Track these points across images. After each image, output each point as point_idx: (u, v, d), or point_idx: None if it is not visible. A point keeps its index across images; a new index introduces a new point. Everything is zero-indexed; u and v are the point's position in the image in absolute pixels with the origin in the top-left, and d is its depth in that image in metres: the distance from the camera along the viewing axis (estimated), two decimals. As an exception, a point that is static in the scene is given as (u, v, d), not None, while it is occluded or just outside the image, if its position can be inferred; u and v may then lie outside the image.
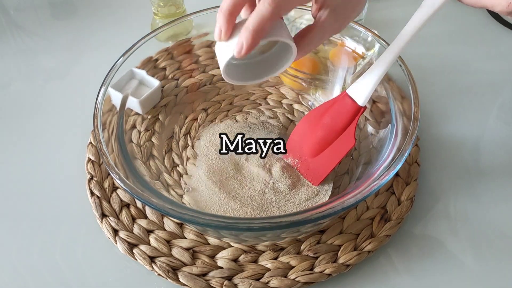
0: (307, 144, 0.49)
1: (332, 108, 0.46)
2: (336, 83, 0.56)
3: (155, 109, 0.54)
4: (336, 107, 0.46)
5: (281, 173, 0.50)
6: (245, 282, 0.44)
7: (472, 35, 0.72)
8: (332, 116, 0.46)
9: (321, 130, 0.47)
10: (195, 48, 0.60)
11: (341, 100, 0.45)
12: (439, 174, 0.53)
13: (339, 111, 0.45)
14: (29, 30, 0.75)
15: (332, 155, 0.47)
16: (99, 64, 0.55)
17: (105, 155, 0.40)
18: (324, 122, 0.47)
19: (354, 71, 0.54)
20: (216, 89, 0.59)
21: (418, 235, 0.48)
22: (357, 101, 0.44)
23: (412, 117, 0.41)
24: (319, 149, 0.48)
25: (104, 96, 0.45)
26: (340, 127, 0.46)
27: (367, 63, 0.52)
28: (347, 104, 0.44)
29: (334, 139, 0.46)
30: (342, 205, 0.37)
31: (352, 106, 0.44)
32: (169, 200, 0.39)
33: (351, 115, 0.44)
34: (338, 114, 0.45)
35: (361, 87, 0.43)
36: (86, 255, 0.47)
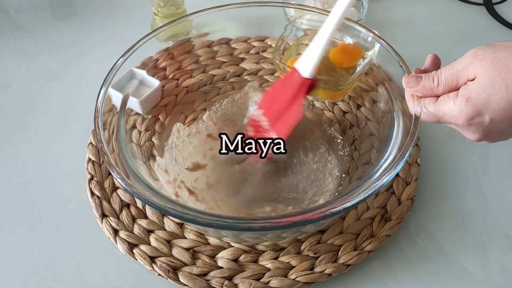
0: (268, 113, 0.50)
1: (284, 81, 0.48)
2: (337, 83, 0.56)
3: (155, 109, 0.54)
4: (287, 80, 0.48)
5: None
6: (245, 282, 0.44)
7: (472, 35, 0.72)
8: (284, 89, 0.48)
9: (275, 103, 0.49)
10: (195, 48, 0.60)
11: (290, 74, 0.47)
12: (439, 174, 0.53)
13: (289, 84, 0.47)
14: (29, 30, 0.75)
15: (283, 126, 0.48)
16: (99, 64, 0.55)
17: (106, 155, 0.40)
18: (278, 95, 0.49)
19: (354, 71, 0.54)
20: (216, 89, 0.59)
21: (418, 235, 0.48)
22: (302, 73, 0.45)
23: (413, 117, 0.41)
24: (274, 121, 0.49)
25: (104, 96, 0.45)
26: (290, 99, 0.47)
27: (367, 63, 0.52)
28: (295, 77, 0.46)
29: (285, 110, 0.48)
30: (343, 205, 0.36)
31: (299, 79, 0.46)
32: (170, 199, 0.39)
33: (298, 87, 0.46)
34: (288, 87, 0.47)
35: (306, 60, 0.45)
36: (86, 255, 0.47)
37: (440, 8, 0.77)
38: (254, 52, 0.64)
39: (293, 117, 0.47)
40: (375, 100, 0.51)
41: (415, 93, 0.41)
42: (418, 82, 0.40)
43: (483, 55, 0.36)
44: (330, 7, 0.68)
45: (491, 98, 0.36)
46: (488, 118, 0.37)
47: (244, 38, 0.65)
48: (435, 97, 0.40)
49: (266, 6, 0.55)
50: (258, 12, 0.55)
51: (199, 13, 0.53)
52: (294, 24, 0.58)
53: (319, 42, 0.44)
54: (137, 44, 0.49)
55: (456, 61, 0.38)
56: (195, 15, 0.54)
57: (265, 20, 0.58)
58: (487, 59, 0.36)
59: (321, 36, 0.44)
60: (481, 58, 0.36)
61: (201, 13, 0.53)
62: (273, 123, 0.49)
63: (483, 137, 0.39)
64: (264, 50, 0.64)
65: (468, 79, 0.37)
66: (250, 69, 0.62)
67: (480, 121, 0.37)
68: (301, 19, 0.58)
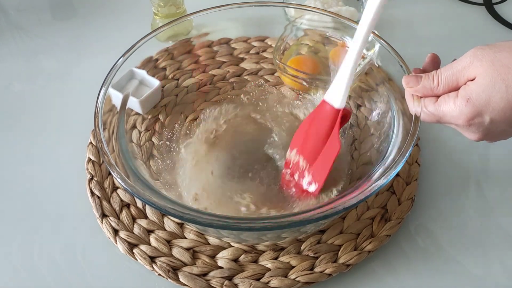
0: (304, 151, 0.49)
1: (315, 116, 0.47)
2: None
3: (156, 109, 0.54)
4: (318, 114, 0.47)
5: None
6: (245, 282, 0.44)
7: (472, 35, 0.72)
8: (316, 124, 0.47)
9: (310, 140, 0.48)
10: (195, 48, 0.59)
11: (321, 107, 0.46)
12: (439, 174, 0.53)
13: (320, 118, 0.46)
14: (30, 31, 0.75)
15: (323, 162, 0.47)
16: (99, 64, 0.55)
17: (106, 155, 0.40)
18: (311, 132, 0.47)
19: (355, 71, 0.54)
20: (216, 89, 0.59)
21: (419, 235, 0.48)
22: (334, 105, 0.45)
23: (413, 117, 0.41)
24: (311, 159, 0.48)
25: (104, 96, 0.45)
26: (325, 134, 0.46)
27: (367, 63, 0.52)
28: (326, 110, 0.45)
29: (322, 146, 0.47)
30: (343, 205, 0.36)
31: (331, 111, 0.45)
32: (170, 199, 0.39)
33: (332, 120, 0.45)
34: (321, 121, 0.46)
35: (335, 91, 0.44)
36: (86, 255, 0.47)
37: (440, 8, 0.77)
38: (254, 52, 0.64)
39: (332, 151, 0.45)
40: (375, 100, 0.51)
41: (415, 93, 0.41)
42: (418, 82, 0.40)
43: (483, 55, 0.36)
44: (330, 7, 0.69)
45: (491, 99, 0.36)
46: (488, 118, 0.37)
47: (244, 38, 0.65)
48: (435, 97, 0.40)
49: (266, 6, 0.55)
50: (258, 12, 0.55)
51: (199, 13, 0.53)
52: (294, 24, 0.59)
53: (345, 71, 0.43)
54: (137, 44, 0.49)
55: (456, 61, 0.38)
56: (195, 15, 0.54)
57: (265, 20, 0.58)
58: (487, 59, 0.36)
59: (347, 64, 0.43)
60: (481, 58, 0.36)
61: (201, 13, 0.53)
62: (311, 160, 0.47)
63: (483, 137, 0.39)
64: (264, 50, 0.64)
65: (468, 79, 0.37)
66: (250, 69, 0.62)
67: (480, 121, 0.37)
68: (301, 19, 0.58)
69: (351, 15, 0.68)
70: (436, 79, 0.39)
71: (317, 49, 0.60)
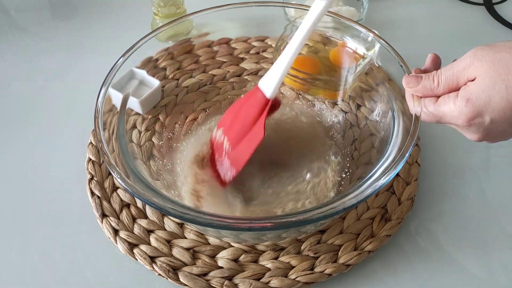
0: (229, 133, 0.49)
1: (246, 101, 0.47)
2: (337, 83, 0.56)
3: (156, 109, 0.54)
4: (249, 99, 0.47)
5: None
6: (245, 282, 0.44)
7: (472, 35, 0.72)
8: (245, 108, 0.47)
9: (237, 123, 0.48)
10: (195, 48, 0.60)
11: (253, 93, 0.47)
12: (439, 174, 0.53)
13: (251, 103, 0.47)
14: (30, 31, 0.75)
15: (244, 149, 0.47)
16: (99, 64, 0.55)
17: (106, 155, 0.40)
18: (240, 115, 0.48)
19: (355, 71, 0.54)
20: (216, 89, 0.59)
21: (419, 235, 0.48)
22: (265, 94, 0.45)
23: (413, 117, 0.41)
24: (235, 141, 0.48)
25: (104, 96, 0.45)
26: (252, 120, 0.46)
27: (367, 63, 0.52)
28: (257, 96, 0.46)
29: (247, 131, 0.47)
30: (343, 205, 0.36)
31: (261, 99, 0.45)
32: (170, 199, 0.39)
33: (261, 107, 0.46)
34: (250, 107, 0.47)
35: (269, 80, 0.45)
36: (86, 255, 0.47)
37: (440, 8, 0.77)
38: (254, 52, 0.64)
39: (255, 139, 0.46)
40: (375, 100, 0.51)
41: (415, 93, 0.41)
42: (418, 82, 0.40)
43: (483, 55, 0.36)
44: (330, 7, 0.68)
45: (491, 99, 0.36)
46: (488, 118, 0.37)
47: (244, 38, 0.65)
48: (435, 97, 0.40)
49: (266, 6, 0.55)
50: (258, 12, 0.55)
51: (199, 13, 0.53)
52: (294, 24, 0.58)
53: (282, 62, 0.44)
54: (137, 44, 0.49)
55: (456, 61, 0.38)
56: (195, 15, 0.54)
57: (265, 20, 0.58)
58: (487, 59, 0.36)
59: (284, 56, 0.44)
60: (481, 58, 0.36)
61: (201, 13, 0.53)
62: (234, 143, 0.47)
63: (484, 137, 0.39)
64: (264, 50, 0.64)
65: (468, 80, 0.37)
66: (250, 69, 0.62)
67: (480, 121, 0.37)
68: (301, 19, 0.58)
69: (351, 15, 0.68)
70: (436, 79, 0.39)
71: (317, 49, 0.60)
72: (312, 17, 0.42)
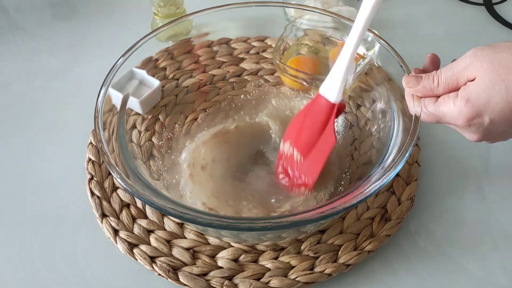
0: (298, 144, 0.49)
1: (310, 109, 0.47)
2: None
3: (155, 109, 0.54)
4: (313, 108, 0.47)
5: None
6: (245, 282, 0.44)
7: (472, 35, 0.72)
8: (311, 117, 0.47)
9: (304, 133, 0.47)
10: (195, 48, 0.60)
11: (316, 101, 0.46)
12: (439, 174, 0.53)
13: (315, 111, 0.46)
14: (29, 31, 0.75)
15: (317, 156, 0.47)
16: (99, 64, 0.55)
17: (106, 155, 0.40)
18: (306, 125, 0.47)
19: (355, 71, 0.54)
20: (216, 89, 0.59)
21: (419, 235, 0.48)
22: (329, 99, 0.45)
23: (413, 117, 0.41)
24: (305, 152, 0.48)
25: (104, 96, 0.45)
26: (319, 127, 0.46)
27: (367, 63, 0.52)
28: (321, 103, 0.45)
29: (316, 140, 0.47)
30: (343, 205, 0.36)
31: (326, 105, 0.45)
32: (170, 199, 0.39)
33: (327, 113, 0.45)
34: (315, 115, 0.46)
35: (330, 85, 0.45)
36: (86, 255, 0.47)
37: (440, 8, 0.77)
38: (254, 52, 0.64)
39: (328, 144, 0.45)
40: (375, 100, 0.51)
41: (415, 93, 0.41)
42: (418, 82, 0.40)
43: (483, 55, 0.36)
44: (330, 7, 0.69)
45: (491, 99, 0.36)
46: (487, 119, 0.37)
47: (244, 38, 0.65)
48: (435, 97, 0.40)
49: (266, 6, 0.55)
50: (258, 12, 0.55)
51: (199, 13, 0.53)
52: (294, 24, 0.58)
53: (341, 65, 0.43)
54: (137, 44, 0.49)
55: (456, 61, 0.38)
56: (195, 15, 0.54)
57: (265, 20, 0.58)
58: (487, 59, 0.36)
59: (342, 58, 0.43)
60: (481, 58, 0.36)
61: (201, 13, 0.53)
62: (304, 153, 0.47)
63: (483, 137, 0.39)
64: (264, 50, 0.64)
65: (468, 80, 0.37)
66: (250, 69, 0.62)
67: (479, 122, 0.37)
68: (301, 19, 0.58)
69: (351, 15, 0.68)
70: (436, 79, 0.39)
71: (317, 49, 0.60)
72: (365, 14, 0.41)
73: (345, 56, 0.43)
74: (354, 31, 0.42)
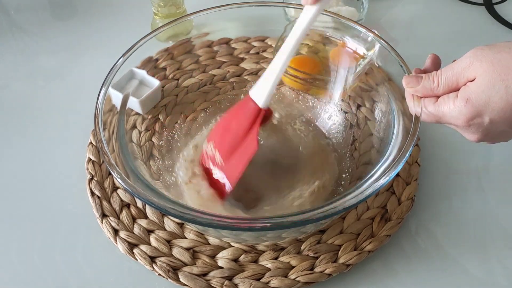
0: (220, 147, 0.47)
1: (239, 110, 0.46)
2: (337, 83, 0.56)
3: (156, 109, 0.54)
4: (240, 110, 0.46)
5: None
6: (245, 282, 0.44)
7: (472, 35, 0.72)
8: (237, 119, 0.46)
9: (228, 136, 0.46)
10: (195, 48, 0.60)
11: (244, 103, 0.45)
12: (439, 174, 0.53)
13: (242, 114, 0.45)
14: (29, 31, 0.75)
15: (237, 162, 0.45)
16: (99, 64, 0.55)
17: (106, 155, 0.40)
18: (231, 127, 0.46)
19: (355, 71, 0.54)
20: (216, 89, 0.59)
21: (419, 235, 0.48)
22: (258, 103, 0.44)
23: (413, 118, 0.41)
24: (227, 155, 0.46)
25: (104, 96, 0.45)
26: (244, 131, 0.45)
27: (367, 63, 0.52)
28: (249, 107, 0.44)
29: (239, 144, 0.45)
30: (344, 205, 0.37)
31: (254, 108, 0.44)
32: (170, 199, 0.39)
33: (253, 118, 0.44)
34: (242, 117, 0.45)
35: (261, 88, 0.44)
36: (86, 255, 0.47)
37: (440, 8, 0.77)
38: (254, 52, 0.64)
39: (248, 151, 0.44)
40: (375, 100, 0.51)
41: (415, 93, 0.41)
42: (419, 82, 0.40)
43: (482, 55, 0.36)
44: (330, 7, 0.69)
45: (490, 99, 0.36)
46: (487, 119, 0.37)
47: (244, 38, 0.65)
48: (435, 97, 0.40)
49: (266, 6, 0.55)
50: (258, 12, 0.55)
51: (199, 13, 0.53)
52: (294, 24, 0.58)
53: (273, 71, 0.43)
54: (137, 44, 0.49)
55: (456, 61, 0.38)
56: (195, 15, 0.54)
57: (265, 20, 0.58)
58: (487, 59, 0.36)
59: (275, 64, 0.42)
60: (481, 58, 0.36)
61: (201, 13, 0.53)
62: (226, 156, 0.46)
63: (483, 137, 0.39)
64: (264, 50, 0.64)
65: (468, 80, 0.38)
66: (250, 69, 0.62)
67: (479, 122, 0.37)
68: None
69: (351, 15, 0.68)
70: (436, 79, 0.39)
71: (317, 49, 0.60)
72: (303, 23, 0.41)
73: (279, 61, 0.42)
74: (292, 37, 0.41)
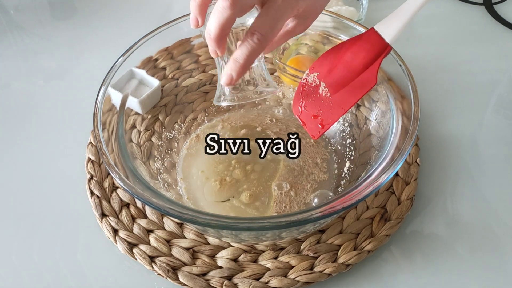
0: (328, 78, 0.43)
1: (357, 43, 0.42)
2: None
3: (155, 109, 0.54)
4: (360, 43, 0.41)
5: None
6: (245, 281, 0.44)
7: (472, 35, 0.72)
8: (355, 52, 0.41)
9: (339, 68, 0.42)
10: (195, 48, 0.59)
11: (367, 36, 0.41)
12: (439, 173, 0.53)
13: (362, 47, 0.41)
14: (29, 30, 0.75)
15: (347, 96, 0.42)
16: (99, 64, 0.55)
17: (105, 155, 0.40)
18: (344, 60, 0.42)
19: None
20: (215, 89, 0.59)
21: (418, 234, 0.48)
22: (384, 37, 0.40)
23: (412, 117, 0.41)
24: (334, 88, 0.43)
25: (104, 96, 0.45)
26: (361, 66, 0.41)
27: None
28: (373, 40, 0.40)
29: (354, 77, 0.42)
30: (342, 204, 0.36)
31: (378, 43, 0.40)
32: (169, 199, 0.39)
33: (375, 53, 0.40)
34: (362, 51, 0.41)
35: (391, 23, 0.40)
36: (86, 255, 0.47)
37: (440, 8, 0.77)
38: (254, 52, 0.64)
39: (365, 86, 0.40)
40: (375, 100, 0.51)
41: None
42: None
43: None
44: (330, 7, 0.68)
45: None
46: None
47: (244, 38, 0.65)
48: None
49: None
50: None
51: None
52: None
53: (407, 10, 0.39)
54: (137, 44, 0.49)
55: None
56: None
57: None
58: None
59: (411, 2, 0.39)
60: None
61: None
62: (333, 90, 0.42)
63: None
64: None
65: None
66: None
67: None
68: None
69: (351, 15, 0.68)
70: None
71: (317, 49, 0.60)
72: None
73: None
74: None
